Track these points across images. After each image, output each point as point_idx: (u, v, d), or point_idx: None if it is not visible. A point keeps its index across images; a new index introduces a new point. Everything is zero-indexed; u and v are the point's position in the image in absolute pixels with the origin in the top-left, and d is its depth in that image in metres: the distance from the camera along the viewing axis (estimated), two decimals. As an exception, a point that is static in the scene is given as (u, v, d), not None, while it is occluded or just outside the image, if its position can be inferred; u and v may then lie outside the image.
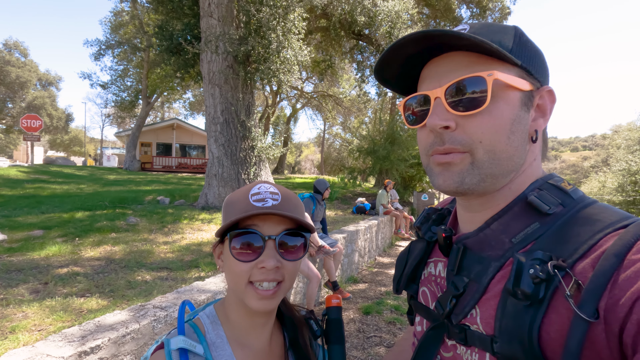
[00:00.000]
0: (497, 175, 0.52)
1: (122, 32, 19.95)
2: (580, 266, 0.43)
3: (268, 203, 0.67)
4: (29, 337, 2.19)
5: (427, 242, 0.68)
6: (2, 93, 34.01)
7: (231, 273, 0.68)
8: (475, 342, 0.50)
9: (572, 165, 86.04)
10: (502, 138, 0.50)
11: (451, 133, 0.51)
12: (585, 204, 0.50)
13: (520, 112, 0.51)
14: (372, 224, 6.94)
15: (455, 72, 0.51)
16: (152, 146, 25.48)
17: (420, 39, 0.50)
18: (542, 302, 0.43)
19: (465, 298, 0.53)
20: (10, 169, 13.20)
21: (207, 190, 7.74)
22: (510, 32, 0.52)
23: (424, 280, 0.67)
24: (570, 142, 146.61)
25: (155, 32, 8.87)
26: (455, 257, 0.57)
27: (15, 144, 40.82)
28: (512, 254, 0.50)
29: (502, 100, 0.50)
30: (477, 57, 0.50)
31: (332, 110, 23.85)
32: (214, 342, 0.70)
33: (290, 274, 0.70)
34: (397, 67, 0.57)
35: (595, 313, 0.39)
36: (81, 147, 50.23)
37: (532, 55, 0.53)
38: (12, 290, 2.89)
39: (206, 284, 2.87)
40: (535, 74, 0.52)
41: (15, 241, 4.35)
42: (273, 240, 0.67)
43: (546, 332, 0.43)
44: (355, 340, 3.56)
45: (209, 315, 0.74)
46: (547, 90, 0.54)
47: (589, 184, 21.34)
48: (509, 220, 0.53)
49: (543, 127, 0.55)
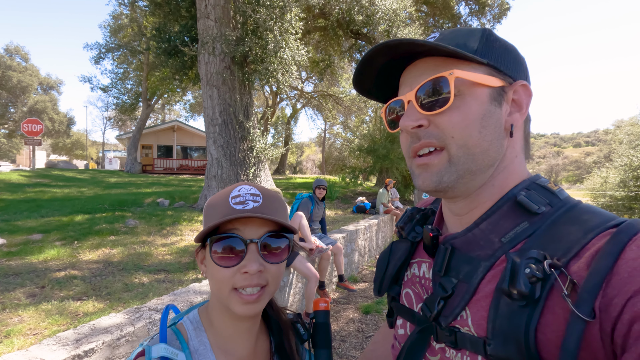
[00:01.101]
0: (474, 170, 0.52)
1: (122, 35, 20.02)
2: (575, 265, 0.43)
3: (249, 205, 0.65)
4: (24, 341, 2.18)
5: (411, 242, 0.67)
6: (4, 98, 34.20)
7: (214, 279, 0.66)
8: (467, 344, 0.48)
9: (575, 161, 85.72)
10: (473, 132, 0.51)
11: (425, 130, 0.53)
12: (572, 204, 0.50)
13: (490, 107, 0.52)
14: (372, 223, 6.92)
15: (424, 75, 0.54)
16: (153, 148, 25.55)
17: (383, 49, 0.53)
18: (538, 302, 0.42)
19: (455, 299, 0.52)
20: (12, 174, 13.26)
21: (206, 192, 7.75)
22: (477, 34, 0.54)
23: (407, 281, 0.66)
24: (572, 138, 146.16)
25: (153, 34, 8.88)
26: (442, 258, 0.57)
27: (18, 149, 41.02)
28: (502, 254, 0.50)
29: (469, 97, 0.52)
30: (443, 60, 0.53)
31: (332, 109, 23.82)
32: (197, 350, 0.68)
33: (274, 277, 0.68)
34: (373, 78, 0.60)
35: (592, 312, 0.39)
36: (83, 151, 50.45)
37: (502, 53, 0.54)
38: (9, 295, 2.90)
39: (202, 286, 2.86)
40: (506, 70, 0.54)
41: (14, 245, 4.36)
42: (255, 244, 0.65)
43: (542, 333, 0.42)
44: (354, 340, 3.55)
45: (193, 320, 0.72)
46: (521, 84, 0.55)
47: (591, 179, 21.20)
48: (498, 219, 0.53)
49: (520, 121, 0.56)
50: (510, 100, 0.54)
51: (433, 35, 0.56)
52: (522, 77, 0.56)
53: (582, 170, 69.74)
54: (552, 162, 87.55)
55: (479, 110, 0.52)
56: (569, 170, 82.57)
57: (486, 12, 14.37)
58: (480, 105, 0.52)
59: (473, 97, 0.52)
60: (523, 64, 0.57)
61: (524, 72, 0.56)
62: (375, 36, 10.16)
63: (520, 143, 0.57)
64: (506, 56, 0.54)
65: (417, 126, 0.53)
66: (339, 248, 4.66)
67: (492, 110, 0.52)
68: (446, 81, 0.51)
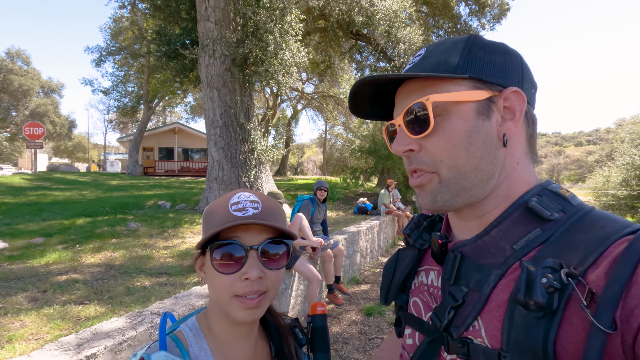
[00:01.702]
0: (468, 187, 0.52)
1: (122, 38, 20.08)
2: (593, 274, 0.41)
3: (248, 212, 0.66)
4: (26, 346, 2.18)
5: (418, 249, 0.66)
6: (5, 101, 34.31)
7: (214, 286, 0.67)
8: (480, 356, 0.47)
9: (577, 160, 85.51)
10: (460, 152, 0.51)
11: (417, 155, 0.54)
12: (586, 211, 0.49)
13: (477, 122, 0.51)
14: (373, 224, 6.91)
15: (409, 98, 0.54)
16: (154, 151, 25.60)
17: (364, 84, 0.56)
18: (556, 313, 0.41)
19: (466, 309, 0.51)
20: (14, 177, 13.30)
21: (208, 194, 7.75)
22: (460, 46, 0.53)
23: (414, 290, 0.65)
24: (574, 137, 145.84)
25: (153, 37, 8.91)
26: (451, 266, 0.55)
27: (20, 152, 41.15)
28: (514, 261, 0.48)
29: (455, 116, 0.51)
30: (425, 81, 0.53)
31: (333, 110, 23.83)
32: (198, 356, 0.68)
33: (274, 283, 0.68)
34: (367, 107, 0.62)
35: (612, 323, 0.37)
36: (85, 153, 50.59)
37: (487, 62, 0.52)
38: (11, 299, 2.90)
39: (204, 289, 2.85)
40: (493, 79, 0.52)
41: (16, 249, 4.36)
42: (255, 250, 0.65)
43: (561, 345, 0.40)
44: (356, 342, 3.53)
45: (192, 327, 0.72)
46: (512, 91, 0.52)
47: (593, 178, 21.12)
48: (509, 226, 0.51)
49: (514, 129, 0.53)
50: (502, 109, 0.52)
51: (420, 51, 0.57)
52: (515, 81, 0.53)
53: (584, 170, 69.56)
54: (554, 162, 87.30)
55: (465, 128, 0.51)
56: (570, 170, 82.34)
57: (486, 13, 14.35)
58: (466, 122, 0.51)
59: (458, 116, 0.51)
60: (516, 67, 0.54)
61: (517, 75, 0.53)
62: (375, 37, 10.16)
63: (523, 148, 0.55)
64: (493, 64, 0.52)
65: (408, 150, 0.54)
66: (340, 250, 4.64)
67: (480, 125, 0.51)
68: (424, 106, 0.51)
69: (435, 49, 0.55)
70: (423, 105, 0.51)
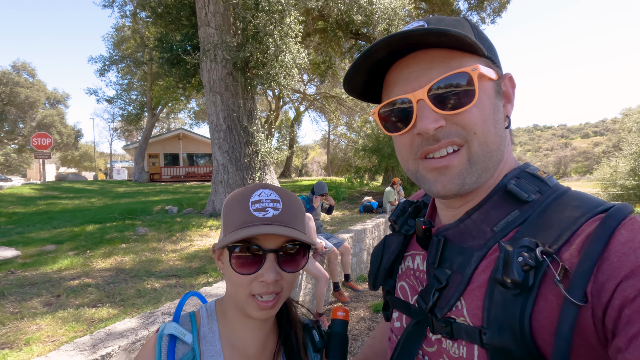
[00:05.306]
0: (489, 168, 0.52)
1: (125, 47, 20.28)
2: (567, 252, 0.43)
3: (269, 213, 0.66)
4: (43, 348, 2.24)
5: (404, 235, 0.67)
6: (12, 114, 34.83)
7: (231, 282, 0.68)
8: (462, 334, 0.48)
9: (583, 152, 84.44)
10: (490, 128, 0.51)
11: (443, 130, 0.50)
12: (562, 191, 0.50)
13: (496, 101, 0.52)
14: (379, 222, 6.92)
15: (432, 70, 0.50)
16: (159, 157, 25.80)
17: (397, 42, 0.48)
18: (532, 290, 0.42)
19: (449, 290, 0.52)
20: (23, 187, 13.51)
21: (214, 198, 7.82)
22: (466, 24, 0.53)
23: (401, 274, 0.66)
24: (580, 129, 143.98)
25: (155, 45, 9.01)
26: (435, 250, 0.56)
27: (28, 163, 41.73)
28: (494, 243, 0.50)
29: (482, 92, 0.50)
30: (448, 52, 0.49)
31: (335, 110, 23.83)
32: (205, 336, 0.71)
33: (289, 283, 0.69)
34: (365, 74, 0.55)
35: (584, 297, 0.39)
36: (91, 162, 51.15)
37: (490, 44, 0.54)
38: (26, 304, 2.97)
39: (213, 289, 2.90)
40: (497, 62, 0.54)
41: (29, 257, 4.45)
42: (273, 254, 0.65)
43: (536, 320, 0.42)
44: (365, 339, 3.56)
45: (208, 309, 0.76)
46: (508, 77, 0.55)
47: (601, 170, 20.88)
48: (489, 209, 0.53)
49: (511, 113, 0.56)
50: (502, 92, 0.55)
51: (420, 23, 0.52)
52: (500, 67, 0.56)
53: (591, 161, 68.67)
54: (561, 154, 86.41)
55: (491, 104, 0.51)
56: (577, 162, 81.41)
57: (485, 6, 14.27)
58: (490, 99, 0.51)
59: (484, 92, 0.50)
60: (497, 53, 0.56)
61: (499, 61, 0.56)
62: (375, 35, 10.17)
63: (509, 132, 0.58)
64: (493, 48, 0.54)
65: (439, 127, 0.50)
66: (346, 247, 4.67)
67: (498, 104, 0.52)
68: (468, 77, 0.48)
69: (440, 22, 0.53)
70: (466, 75, 0.48)
